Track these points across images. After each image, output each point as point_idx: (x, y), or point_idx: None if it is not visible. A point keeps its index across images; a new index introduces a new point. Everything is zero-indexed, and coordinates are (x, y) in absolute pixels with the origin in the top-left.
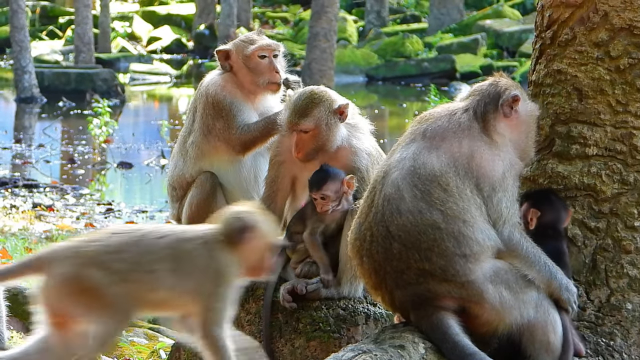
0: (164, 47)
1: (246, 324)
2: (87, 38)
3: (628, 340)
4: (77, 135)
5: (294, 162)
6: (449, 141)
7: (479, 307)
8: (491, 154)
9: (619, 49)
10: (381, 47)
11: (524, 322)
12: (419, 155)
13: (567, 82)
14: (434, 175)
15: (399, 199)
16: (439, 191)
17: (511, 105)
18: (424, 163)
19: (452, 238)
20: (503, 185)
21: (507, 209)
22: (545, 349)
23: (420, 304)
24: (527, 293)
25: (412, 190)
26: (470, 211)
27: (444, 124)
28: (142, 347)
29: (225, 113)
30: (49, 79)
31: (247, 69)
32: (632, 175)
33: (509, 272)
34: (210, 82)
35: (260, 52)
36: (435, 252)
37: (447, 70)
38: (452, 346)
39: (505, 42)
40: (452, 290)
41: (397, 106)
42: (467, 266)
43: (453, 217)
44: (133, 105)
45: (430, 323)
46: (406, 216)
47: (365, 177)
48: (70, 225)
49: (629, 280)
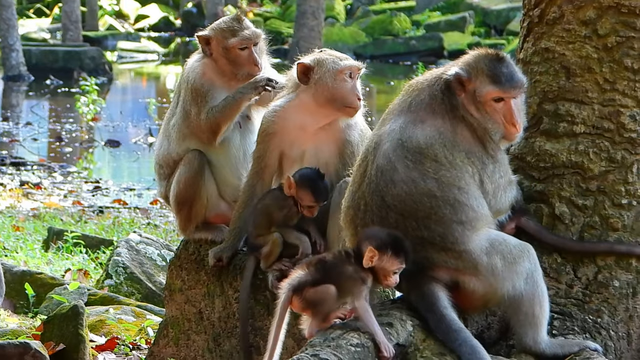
0: (152, 25)
1: (234, 301)
2: (74, 16)
3: (615, 317)
4: (64, 113)
5: (284, 135)
6: (432, 115)
7: (472, 279)
8: (467, 128)
9: (607, 27)
10: (369, 25)
11: (515, 293)
12: (406, 128)
13: (555, 60)
14: (421, 148)
15: (391, 170)
16: (430, 161)
17: (457, 83)
18: (410, 137)
19: (448, 205)
20: (490, 158)
21: (502, 178)
22: (530, 322)
23: (413, 273)
24: (520, 264)
25: (403, 161)
26: (464, 178)
27: (426, 97)
28: (130, 325)
29: (201, 100)
30: (37, 57)
31: (226, 60)
32: (619, 153)
33: (503, 243)
34: (191, 69)
35: (240, 45)
36: (433, 219)
37: (434, 49)
38: (439, 319)
39: (493, 20)
40: (448, 260)
41: (385, 84)
42: (465, 233)
43: (447, 185)
44: (121, 83)
45: (421, 293)
46: (400, 186)
47: (356, 151)
48: (58, 203)
49: (616, 258)
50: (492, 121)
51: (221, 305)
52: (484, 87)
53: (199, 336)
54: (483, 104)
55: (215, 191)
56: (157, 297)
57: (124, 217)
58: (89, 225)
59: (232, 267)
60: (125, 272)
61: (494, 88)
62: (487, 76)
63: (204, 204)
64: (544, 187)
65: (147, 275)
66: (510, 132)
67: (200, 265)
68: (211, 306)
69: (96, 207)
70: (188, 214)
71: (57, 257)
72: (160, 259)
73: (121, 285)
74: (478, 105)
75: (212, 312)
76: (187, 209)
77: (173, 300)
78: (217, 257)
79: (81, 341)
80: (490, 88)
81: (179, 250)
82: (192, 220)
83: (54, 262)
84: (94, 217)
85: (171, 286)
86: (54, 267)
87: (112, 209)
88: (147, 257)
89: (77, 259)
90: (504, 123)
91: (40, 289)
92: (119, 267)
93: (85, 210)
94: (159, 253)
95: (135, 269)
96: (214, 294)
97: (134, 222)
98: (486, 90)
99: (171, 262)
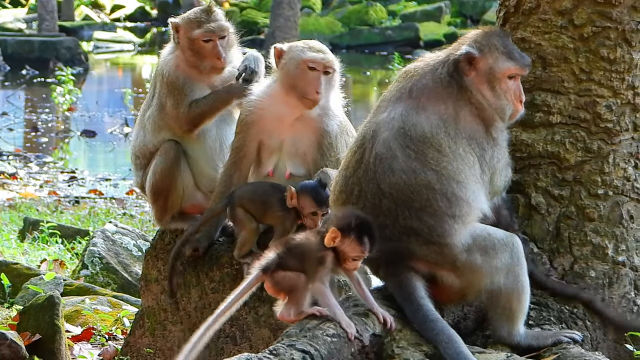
0: (128, 15)
1: (210, 292)
2: (50, 6)
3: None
4: (40, 103)
5: (263, 125)
6: (435, 101)
7: (451, 275)
8: (471, 112)
9: (583, 17)
10: (345, 15)
11: (493, 288)
12: (408, 116)
13: (531, 50)
14: (425, 136)
15: (391, 158)
16: (432, 151)
17: (467, 62)
18: (414, 125)
19: (445, 198)
20: (491, 142)
21: (499, 162)
22: (507, 316)
23: (393, 261)
24: (501, 259)
25: (404, 151)
26: (464, 171)
27: (429, 82)
28: (106, 315)
29: (177, 92)
30: (12, 47)
31: (191, 51)
32: (595, 143)
33: (487, 238)
34: (164, 62)
35: (205, 37)
36: (427, 211)
37: (410, 39)
38: (416, 309)
39: (469, 10)
40: (429, 254)
41: (361, 74)
42: (453, 227)
43: (447, 178)
44: (97, 73)
45: (399, 281)
46: (399, 175)
47: (334, 142)
48: (34, 194)
49: (592, 248)
50: (505, 99)
51: (197, 295)
52: (502, 64)
53: (175, 327)
54: (499, 80)
55: (192, 182)
56: (133, 288)
57: (99, 207)
58: (65, 215)
59: (208, 257)
60: (101, 263)
61: (512, 64)
62: (502, 53)
63: (180, 194)
64: (520, 177)
65: (123, 265)
66: (517, 110)
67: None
68: (187, 296)
69: (72, 198)
70: (164, 204)
71: (33, 248)
72: (136, 249)
73: (97, 275)
74: (493, 83)
75: (189, 303)
76: (163, 199)
77: (149, 291)
78: (193, 248)
79: (57, 331)
80: (509, 64)
81: (155, 241)
82: (168, 211)
83: (29, 253)
84: (70, 208)
85: (147, 276)
86: (30, 257)
87: (88, 199)
88: (123, 248)
89: (53, 249)
90: (513, 100)
91: (16, 279)
92: (95, 257)
93: (61, 201)
94: (135, 243)
95: (111, 259)
96: (190, 284)
97: (109, 212)
98: (505, 67)
99: (147, 252)
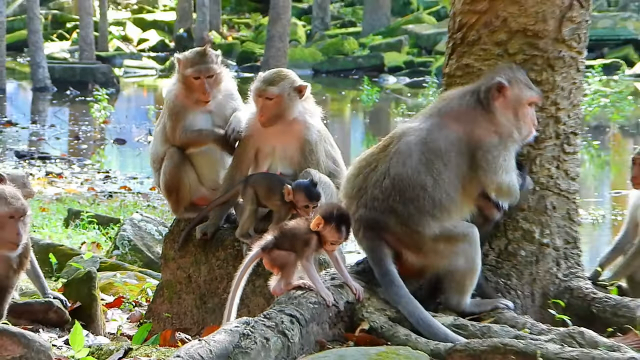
0: (151, 47)
1: (216, 268)
2: (89, 40)
3: (521, 280)
4: (81, 117)
5: (258, 136)
6: (457, 122)
7: (414, 256)
8: (488, 129)
9: (516, 47)
10: (325, 47)
11: (451, 269)
12: (432, 130)
13: (474, 73)
14: (439, 150)
15: (407, 155)
16: (439, 164)
17: (497, 89)
18: (434, 139)
19: (431, 200)
20: (499, 147)
21: (505, 161)
22: (459, 290)
23: (372, 228)
24: (460, 246)
25: (419, 155)
26: (458, 187)
27: (455, 105)
28: (133, 287)
29: (175, 117)
30: (59, 73)
31: (184, 84)
32: (525, 148)
33: (452, 230)
34: (169, 91)
35: (194, 75)
36: (414, 204)
37: (377, 65)
38: (384, 272)
39: (424, 42)
40: (401, 234)
41: (337, 94)
42: (429, 222)
43: (441, 188)
44: (126, 93)
45: (372, 245)
46: (407, 169)
47: (314, 149)
48: (76, 189)
49: (522, 233)
50: (524, 122)
51: (206, 270)
52: (526, 93)
53: (188, 296)
54: (522, 106)
55: (196, 179)
56: (155, 265)
57: (129, 200)
58: (101, 206)
59: (215, 240)
60: (129, 245)
61: (533, 94)
62: (524, 84)
63: (187, 190)
64: None
65: (147, 246)
66: (531, 132)
67: (189, 239)
68: (198, 271)
69: (106, 192)
70: (176, 198)
71: (75, 233)
72: (158, 233)
73: (126, 255)
74: (517, 109)
75: (199, 276)
76: (175, 195)
77: (167, 267)
78: (202, 232)
79: (94, 300)
80: (531, 93)
81: (172, 227)
82: (180, 203)
83: (72, 237)
84: (105, 200)
85: (166, 255)
86: (73, 240)
87: (119, 194)
88: (147, 233)
89: (91, 234)
90: (529, 124)
91: (61, 258)
92: (125, 240)
93: (98, 195)
94: (157, 229)
95: (137, 242)
96: (200, 261)
97: (136, 204)
98: (529, 95)
99: (166, 236)
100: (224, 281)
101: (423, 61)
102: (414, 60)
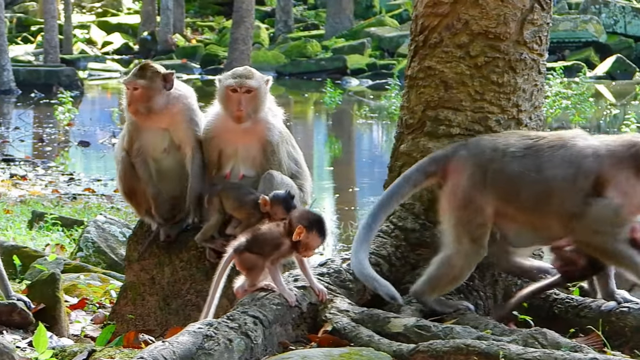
0: (115, 50)
1: (180, 269)
2: (53, 42)
3: (484, 281)
4: (45, 120)
5: (221, 137)
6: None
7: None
8: (622, 188)
9: (477, 50)
10: (288, 49)
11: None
12: (590, 154)
13: (436, 76)
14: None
15: (535, 157)
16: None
17: None
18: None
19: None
20: (612, 209)
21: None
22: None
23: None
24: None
25: (539, 164)
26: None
27: (619, 148)
28: (97, 288)
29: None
30: (23, 75)
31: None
32: None
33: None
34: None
35: (128, 86)
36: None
37: (340, 67)
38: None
39: (387, 44)
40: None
41: (300, 96)
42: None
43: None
44: (90, 96)
45: None
46: (518, 169)
47: (275, 150)
48: (40, 191)
49: None
50: None
51: (169, 272)
52: None
53: (152, 297)
54: None
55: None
56: (118, 266)
57: (92, 202)
58: (65, 209)
59: (178, 241)
60: (93, 246)
61: None
62: None
63: (143, 194)
64: None
65: (111, 248)
66: None
67: (152, 240)
68: (161, 273)
69: (70, 195)
70: (135, 202)
71: (39, 234)
72: (121, 235)
73: (90, 256)
74: None
75: (162, 278)
76: (135, 199)
77: (131, 269)
78: (166, 234)
79: (58, 301)
80: None
81: (136, 229)
82: (140, 207)
83: (36, 238)
84: (69, 202)
85: (130, 257)
86: (37, 242)
87: (83, 196)
88: (111, 234)
89: (55, 236)
90: None
91: (25, 260)
92: (89, 242)
93: (62, 197)
94: (120, 231)
95: (101, 244)
96: (163, 263)
97: (100, 206)
98: None
99: (129, 238)
100: (188, 282)
101: (385, 64)
102: (377, 62)
